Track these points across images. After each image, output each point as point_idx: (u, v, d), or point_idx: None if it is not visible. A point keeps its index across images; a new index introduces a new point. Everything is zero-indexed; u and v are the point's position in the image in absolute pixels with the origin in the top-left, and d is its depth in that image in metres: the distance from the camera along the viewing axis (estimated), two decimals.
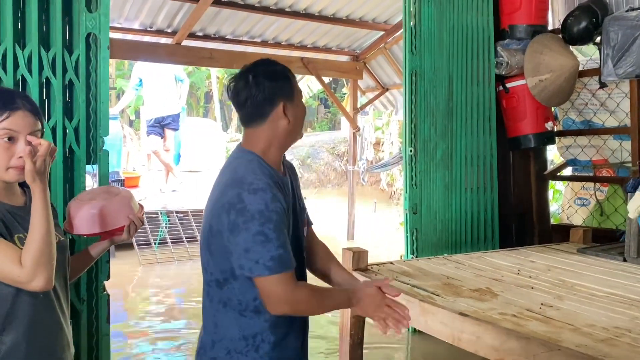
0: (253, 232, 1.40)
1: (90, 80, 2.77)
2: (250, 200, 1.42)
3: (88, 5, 2.74)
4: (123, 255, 6.07)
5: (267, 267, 1.40)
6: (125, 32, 5.66)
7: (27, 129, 1.45)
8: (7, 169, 1.44)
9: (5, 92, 1.59)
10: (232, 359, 1.51)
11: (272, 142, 1.57)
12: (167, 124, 7.86)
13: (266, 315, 1.50)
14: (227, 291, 1.51)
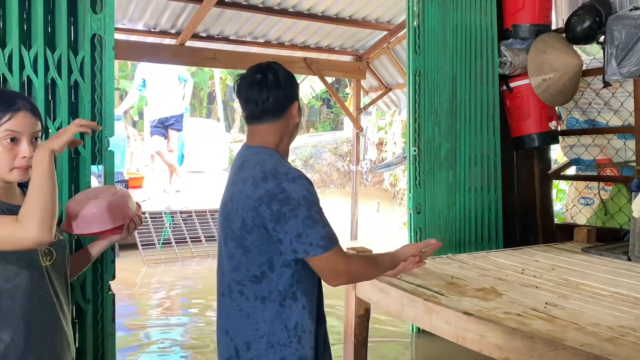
0: (302, 218, 1.48)
1: (96, 81, 2.79)
2: (292, 188, 1.50)
3: (93, 7, 2.75)
4: (127, 255, 6.10)
5: (321, 246, 1.49)
6: (129, 33, 5.68)
7: (29, 129, 1.47)
8: (11, 170, 1.46)
9: (6, 93, 1.60)
10: (275, 352, 1.55)
11: (284, 137, 1.66)
12: (171, 125, 7.89)
13: (304, 302, 1.57)
14: (266, 284, 1.55)
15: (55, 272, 1.56)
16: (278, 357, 1.54)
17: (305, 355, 1.57)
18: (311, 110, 21.79)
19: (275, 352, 1.54)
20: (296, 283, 1.56)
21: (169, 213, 6.60)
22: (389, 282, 2.77)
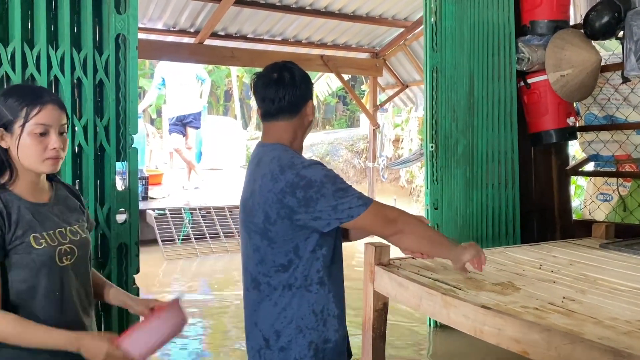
0: (331, 192, 1.56)
1: (120, 80, 2.86)
2: (310, 173, 1.57)
3: (117, 7, 2.83)
4: (147, 250, 6.18)
5: (361, 205, 1.58)
6: (149, 32, 5.78)
7: (56, 122, 1.51)
8: (43, 161, 1.49)
9: (33, 88, 1.66)
10: (304, 337, 1.62)
11: (298, 134, 1.72)
12: (189, 122, 7.98)
13: (329, 286, 1.65)
14: (293, 272, 1.62)
15: (75, 271, 1.57)
16: (307, 341, 1.62)
17: (329, 337, 1.65)
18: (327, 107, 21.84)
19: (304, 337, 1.61)
20: (323, 268, 1.63)
21: (188, 209, 6.69)
22: (407, 277, 2.80)
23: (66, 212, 1.61)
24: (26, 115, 1.46)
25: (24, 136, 1.46)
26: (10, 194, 1.49)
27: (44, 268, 1.48)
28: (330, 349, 1.66)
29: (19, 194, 1.50)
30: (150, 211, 6.59)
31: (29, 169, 1.51)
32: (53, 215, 1.56)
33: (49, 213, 1.55)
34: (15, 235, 1.45)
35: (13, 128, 1.46)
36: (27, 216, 1.49)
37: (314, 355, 1.62)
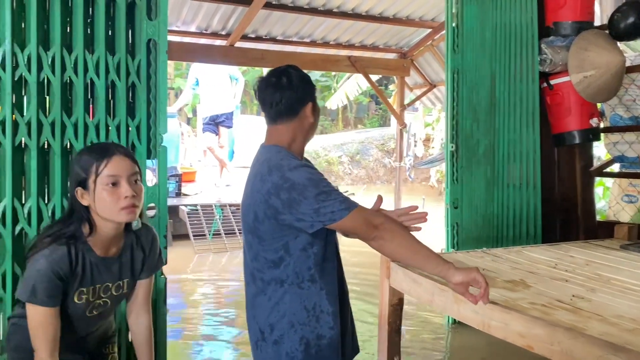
0: (313, 196, 1.58)
1: (151, 82, 3.04)
2: (294, 176, 1.61)
3: (148, 14, 3.01)
4: (179, 244, 6.44)
5: (344, 209, 1.59)
6: (182, 35, 5.99)
7: (126, 171, 1.61)
8: (119, 210, 1.59)
9: (101, 145, 1.78)
10: (296, 331, 1.67)
11: (297, 137, 1.76)
12: (222, 122, 8.22)
13: (321, 284, 1.68)
14: (284, 268, 1.67)
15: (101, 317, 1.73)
16: (298, 336, 1.67)
17: (322, 334, 1.69)
18: (359, 106, 21.87)
19: (296, 332, 1.67)
20: (314, 266, 1.67)
21: (219, 206, 6.90)
22: (421, 273, 2.89)
23: (126, 266, 1.74)
24: (96, 169, 1.58)
25: (98, 190, 1.58)
26: (85, 245, 1.62)
27: (72, 317, 1.65)
28: (324, 345, 1.69)
29: (92, 247, 1.63)
30: (183, 207, 6.82)
31: (109, 220, 1.61)
32: (111, 270, 1.70)
33: (108, 268, 1.68)
34: (70, 285, 1.61)
35: (88, 184, 1.59)
36: (87, 270, 1.62)
37: (305, 350, 1.67)
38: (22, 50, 2.74)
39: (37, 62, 2.76)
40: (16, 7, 2.74)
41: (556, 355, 2.10)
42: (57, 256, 1.55)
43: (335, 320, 1.71)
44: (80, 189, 1.60)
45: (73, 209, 1.62)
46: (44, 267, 1.54)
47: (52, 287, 1.54)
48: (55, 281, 1.54)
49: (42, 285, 1.54)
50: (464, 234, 3.93)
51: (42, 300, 1.54)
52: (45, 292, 1.53)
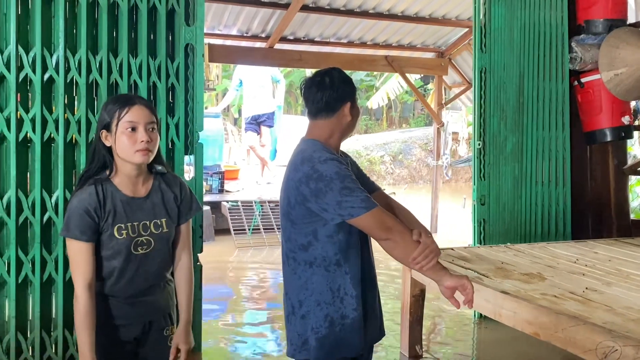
0: (338, 189, 1.73)
1: (188, 84, 3.28)
2: (323, 168, 1.76)
3: (187, 20, 3.25)
4: (221, 239, 6.73)
5: (363, 207, 1.71)
6: (224, 38, 6.27)
7: (143, 119, 1.79)
8: (135, 152, 1.78)
9: (125, 95, 2.01)
10: (321, 309, 1.83)
11: (334, 133, 1.91)
12: (263, 122, 8.49)
13: (346, 268, 1.83)
14: (312, 251, 1.83)
15: (150, 259, 1.86)
16: (324, 313, 1.83)
17: (347, 314, 1.83)
18: (404, 106, 21.80)
19: (321, 309, 1.83)
20: (339, 251, 1.82)
21: (258, 202, 7.15)
22: None
23: (159, 205, 1.90)
24: (119, 115, 1.78)
25: (119, 133, 1.78)
26: (111, 185, 1.83)
27: (119, 255, 1.82)
28: (347, 324, 1.83)
29: (117, 186, 1.83)
30: (225, 203, 7.12)
31: (125, 161, 1.81)
32: (143, 209, 1.87)
33: (140, 206, 1.86)
34: (106, 223, 1.80)
35: (111, 127, 1.80)
36: (119, 208, 1.81)
37: (329, 326, 1.82)
38: (74, 55, 3.03)
39: (87, 66, 3.04)
40: (69, 16, 3.03)
41: (559, 341, 2.20)
42: (86, 194, 1.78)
43: (358, 302, 1.84)
44: (105, 131, 1.81)
45: (95, 151, 1.85)
46: (74, 205, 1.78)
47: (83, 223, 1.76)
48: (85, 217, 1.76)
49: (74, 220, 1.76)
50: (490, 230, 4.00)
51: (75, 234, 1.76)
52: (78, 227, 1.76)
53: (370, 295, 1.92)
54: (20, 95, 2.96)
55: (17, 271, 2.94)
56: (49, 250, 3.00)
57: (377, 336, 1.99)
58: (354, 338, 1.84)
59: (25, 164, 2.98)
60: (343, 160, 1.88)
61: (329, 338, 1.81)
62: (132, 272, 1.84)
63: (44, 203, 2.97)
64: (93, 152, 1.86)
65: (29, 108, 2.97)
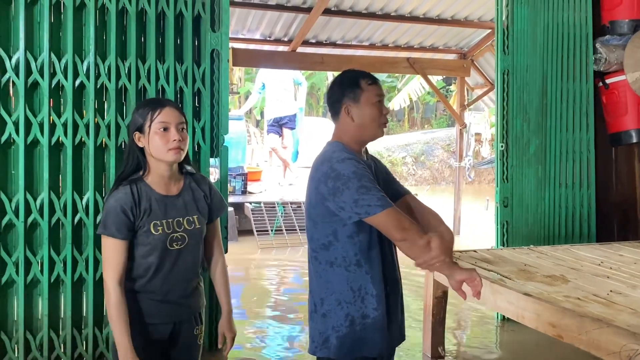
0: (355, 187, 1.75)
1: (214, 89, 3.36)
2: (341, 167, 1.79)
3: (212, 26, 3.33)
4: (244, 240, 6.82)
5: (379, 205, 1.72)
6: (247, 42, 6.36)
7: (175, 120, 1.89)
8: (167, 151, 1.87)
9: (156, 98, 2.11)
10: (342, 309, 1.85)
11: (343, 135, 1.92)
12: (285, 124, 8.57)
13: (367, 268, 1.84)
14: (333, 251, 1.85)
15: (185, 254, 1.93)
16: (344, 312, 1.85)
17: (367, 314, 1.85)
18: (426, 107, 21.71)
19: (342, 308, 1.85)
20: (359, 252, 1.83)
21: (281, 204, 7.22)
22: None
23: (190, 203, 1.98)
24: (151, 116, 1.88)
25: (152, 134, 1.87)
26: (145, 185, 1.91)
27: (156, 250, 1.89)
28: (368, 324, 1.85)
29: (150, 185, 1.92)
30: (247, 204, 7.20)
31: (158, 160, 1.90)
32: (177, 206, 1.94)
33: (173, 204, 1.93)
34: (142, 220, 1.88)
35: (144, 129, 1.89)
36: (154, 206, 1.89)
37: (350, 325, 1.84)
38: (104, 62, 3.13)
39: (116, 72, 3.14)
40: (99, 24, 3.13)
41: (583, 344, 2.20)
42: (122, 194, 1.87)
43: (379, 302, 1.85)
44: (138, 133, 1.91)
45: (130, 153, 1.94)
46: (111, 204, 1.86)
47: (119, 221, 1.84)
48: (121, 215, 1.84)
49: (110, 219, 1.85)
50: (513, 232, 3.99)
51: (112, 232, 1.84)
52: (114, 225, 1.84)
53: (392, 296, 1.92)
54: (52, 101, 3.07)
55: (50, 271, 3.05)
56: (79, 251, 3.10)
57: (398, 339, 1.99)
58: (375, 337, 1.85)
59: (58, 167, 3.09)
60: (365, 162, 1.89)
61: (350, 337, 1.84)
62: (168, 268, 1.90)
63: (75, 205, 3.07)
64: (127, 154, 1.94)
65: (61, 113, 3.08)
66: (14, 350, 3.05)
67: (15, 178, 3.02)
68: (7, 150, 3.02)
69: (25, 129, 3.00)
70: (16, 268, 3.00)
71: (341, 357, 1.85)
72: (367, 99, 1.90)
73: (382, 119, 1.90)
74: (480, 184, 14.49)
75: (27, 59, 2.99)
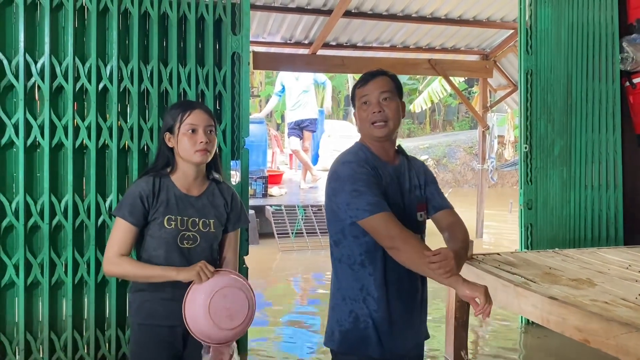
0: (349, 191, 1.76)
1: (235, 91, 3.37)
2: (341, 169, 1.81)
3: (233, 29, 3.34)
4: (265, 242, 6.84)
5: (367, 210, 1.72)
6: (268, 45, 6.38)
7: (203, 122, 1.94)
8: (194, 152, 1.92)
9: (186, 101, 2.17)
10: (346, 304, 1.86)
11: (361, 135, 1.94)
12: (306, 126, 8.57)
13: (370, 269, 1.82)
14: (341, 248, 1.87)
15: (194, 254, 1.94)
16: (348, 309, 1.85)
17: (369, 314, 1.82)
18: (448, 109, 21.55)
19: (346, 305, 1.86)
20: (364, 252, 1.82)
21: (301, 206, 7.22)
22: (486, 270, 2.98)
23: (208, 207, 2.01)
24: (181, 118, 1.94)
25: (181, 135, 1.93)
26: (169, 181, 1.97)
27: (165, 244, 1.92)
28: (371, 325, 1.82)
29: (174, 182, 1.97)
30: (268, 207, 7.22)
31: (186, 160, 1.94)
32: (194, 206, 1.97)
33: (192, 204, 1.96)
34: (157, 212, 1.92)
35: (174, 130, 1.95)
36: (172, 201, 1.94)
37: (353, 322, 1.84)
38: (126, 65, 3.16)
39: (139, 75, 3.17)
40: (121, 28, 3.16)
41: (611, 349, 2.14)
42: (143, 182, 1.94)
43: (380, 305, 1.82)
44: (168, 134, 1.97)
45: (160, 152, 2.00)
46: (132, 189, 1.94)
47: (134, 205, 1.90)
48: (137, 200, 1.90)
49: (126, 201, 1.92)
50: (538, 234, 3.93)
51: (124, 213, 1.90)
52: (128, 208, 1.90)
53: (399, 302, 1.85)
54: (76, 105, 3.11)
55: (74, 272, 3.09)
56: (102, 252, 3.13)
57: (408, 348, 1.90)
58: (378, 340, 1.82)
59: (81, 169, 3.14)
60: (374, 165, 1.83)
61: (352, 334, 1.84)
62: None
63: (98, 207, 3.11)
64: (158, 153, 2.01)
65: (85, 116, 3.12)
66: (39, 351, 3.09)
67: (40, 181, 3.07)
68: (32, 153, 3.07)
69: (50, 132, 3.05)
70: (41, 270, 3.05)
71: (344, 352, 1.86)
72: (357, 101, 1.92)
73: (371, 117, 1.84)
74: (503, 186, 14.32)
75: (52, 64, 3.04)
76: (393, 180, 1.88)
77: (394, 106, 1.86)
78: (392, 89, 1.88)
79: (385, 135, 1.86)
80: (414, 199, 1.92)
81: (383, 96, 1.85)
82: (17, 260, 3.01)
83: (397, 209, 1.82)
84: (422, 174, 1.99)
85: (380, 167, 1.86)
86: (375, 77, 1.88)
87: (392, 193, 1.85)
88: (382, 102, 1.85)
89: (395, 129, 1.89)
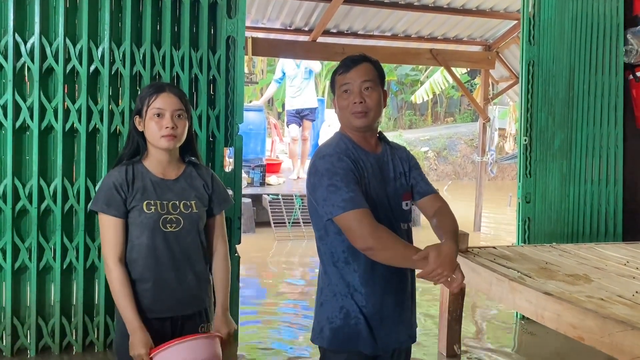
0: (325, 185, 1.68)
1: (229, 76, 3.30)
2: (319, 163, 1.73)
3: (228, 13, 3.26)
4: (261, 231, 6.79)
5: (341, 207, 1.64)
6: (267, 31, 6.29)
7: (171, 106, 1.86)
8: (160, 137, 1.85)
9: (157, 83, 2.09)
10: (336, 300, 1.79)
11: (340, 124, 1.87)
12: (306, 115, 8.49)
13: (354, 266, 1.76)
14: (325, 245, 1.80)
15: (180, 238, 1.88)
16: (339, 305, 1.79)
17: (360, 309, 1.77)
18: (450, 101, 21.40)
19: (336, 300, 1.79)
20: (347, 249, 1.75)
21: (298, 196, 7.17)
22: (481, 264, 2.93)
23: (188, 189, 1.95)
24: (148, 101, 1.86)
25: (147, 119, 1.86)
26: (142, 167, 1.90)
27: (147, 229, 1.85)
28: (362, 320, 1.77)
29: (148, 168, 1.90)
30: (265, 195, 7.17)
31: (154, 146, 1.88)
32: (172, 190, 1.92)
33: (170, 188, 1.91)
34: (135, 199, 1.85)
35: (142, 113, 1.88)
36: (149, 186, 1.87)
37: (344, 318, 1.77)
38: (119, 48, 3.09)
39: (131, 58, 3.10)
40: (114, 9, 3.09)
41: (606, 347, 2.09)
42: (116, 172, 1.88)
43: (367, 300, 1.77)
44: (138, 117, 1.91)
45: (130, 136, 1.95)
46: (105, 181, 1.88)
47: (109, 196, 1.84)
48: (112, 191, 1.84)
49: (101, 194, 1.86)
50: (535, 228, 3.87)
51: (102, 207, 1.84)
52: (104, 200, 1.84)
53: (387, 297, 1.80)
54: (67, 87, 3.05)
55: (62, 257, 3.04)
56: (91, 238, 3.09)
57: (401, 341, 1.86)
58: (369, 335, 1.77)
59: (71, 153, 3.08)
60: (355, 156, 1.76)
61: (343, 330, 1.78)
62: (163, 252, 1.87)
63: (88, 192, 3.06)
64: (128, 137, 1.96)
65: (76, 99, 3.06)
66: (26, 336, 3.05)
67: (29, 164, 3.01)
68: (21, 135, 3.01)
69: (39, 115, 2.98)
70: (29, 254, 3.00)
71: (334, 349, 1.80)
72: (338, 89, 1.82)
73: (352, 107, 1.76)
74: (503, 179, 14.24)
75: (42, 44, 2.97)
76: (375, 170, 1.81)
77: (376, 96, 1.78)
78: (375, 77, 1.79)
79: (366, 125, 1.79)
80: (400, 187, 1.86)
81: (365, 85, 1.76)
82: (4, 244, 2.97)
83: (381, 199, 1.78)
84: (405, 160, 1.92)
85: (362, 156, 1.79)
86: (357, 64, 1.78)
87: (375, 183, 1.79)
88: (363, 92, 1.76)
89: (376, 119, 1.81)
